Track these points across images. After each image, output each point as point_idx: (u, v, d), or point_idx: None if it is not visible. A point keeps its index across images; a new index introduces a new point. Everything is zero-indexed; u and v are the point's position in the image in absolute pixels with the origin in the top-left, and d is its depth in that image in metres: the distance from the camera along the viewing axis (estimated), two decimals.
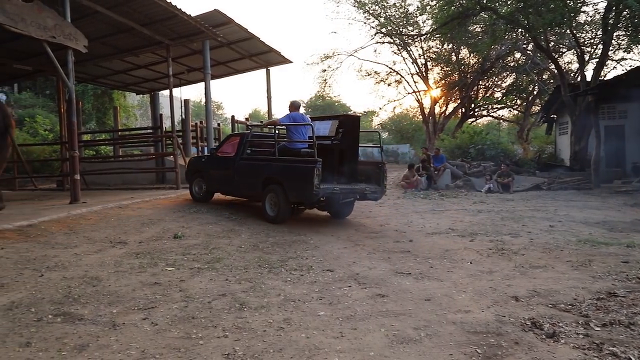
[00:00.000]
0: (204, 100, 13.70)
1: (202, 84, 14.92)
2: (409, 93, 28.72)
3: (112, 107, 22.59)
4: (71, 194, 8.95)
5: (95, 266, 4.65)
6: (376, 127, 44.17)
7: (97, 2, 9.56)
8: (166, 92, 15.02)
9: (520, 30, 17.72)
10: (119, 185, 13.26)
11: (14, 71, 14.69)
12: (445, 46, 25.63)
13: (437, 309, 3.52)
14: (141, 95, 22.96)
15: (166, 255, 5.20)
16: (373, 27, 25.68)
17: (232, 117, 18.01)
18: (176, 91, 14.29)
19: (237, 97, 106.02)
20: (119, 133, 18.14)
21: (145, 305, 3.51)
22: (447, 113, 28.67)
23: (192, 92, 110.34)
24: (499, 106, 29.55)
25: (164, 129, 13.98)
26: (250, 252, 5.44)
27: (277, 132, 8.46)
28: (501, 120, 33.16)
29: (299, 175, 7.14)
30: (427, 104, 28.14)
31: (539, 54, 21.19)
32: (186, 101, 15.21)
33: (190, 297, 3.74)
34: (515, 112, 31.61)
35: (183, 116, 15.15)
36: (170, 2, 10.14)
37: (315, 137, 7.19)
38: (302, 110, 9.29)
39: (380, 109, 33.98)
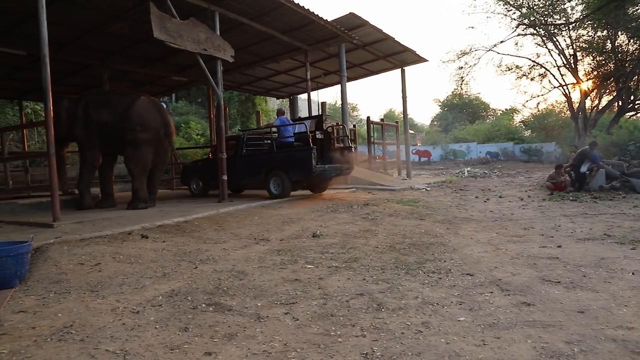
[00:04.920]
0: (339, 102, 14.05)
1: (338, 87, 15.29)
2: (554, 87, 26.58)
3: (254, 111, 24.07)
4: (220, 193, 9.71)
5: (241, 261, 4.97)
6: (517, 125, 41.64)
7: (243, 15, 10.26)
8: (304, 96, 15.60)
9: None
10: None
11: (172, 82, 16.46)
12: (598, 33, 23.26)
13: (593, 323, 3.16)
14: (281, 99, 24.12)
15: (305, 253, 5.38)
16: (514, 19, 24.17)
17: (368, 118, 18.16)
18: (313, 94, 14.79)
19: (372, 98, 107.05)
20: None
21: (287, 301, 3.65)
22: (600, 107, 25.92)
23: (328, 95, 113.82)
24: None
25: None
26: (386, 253, 5.41)
27: (273, 132, 11.10)
28: None
29: (300, 159, 9.68)
30: (576, 98, 25.77)
31: None
32: (323, 104, 15.72)
33: (328, 295, 3.81)
34: None
35: None
36: (309, 9, 10.52)
37: (308, 131, 10.04)
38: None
39: (522, 105, 31.89)
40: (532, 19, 23.36)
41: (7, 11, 9.26)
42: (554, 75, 25.90)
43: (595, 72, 24.92)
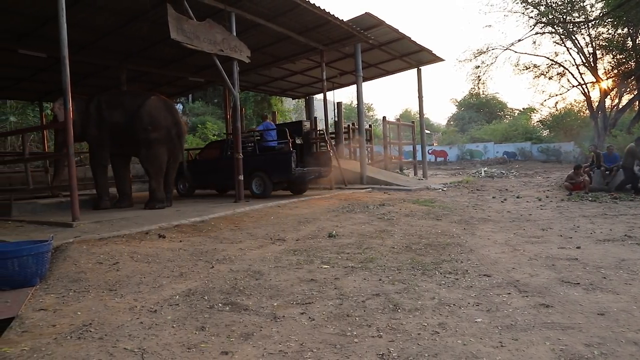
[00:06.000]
0: (355, 102, 14.06)
1: (353, 87, 15.28)
2: (573, 86, 26.20)
3: (270, 112, 24.15)
4: (236, 193, 9.75)
5: (258, 261, 4.98)
6: (535, 124, 41.18)
7: (259, 16, 10.29)
8: (320, 96, 15.64)
9: None
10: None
11: (189, 83, 16.60)
12: (618, 31, 22.86)
13: (613, 325, 3.10)
14: (297, 99, 24.14)
15: (321, 253, 5.38)
16: (532, 17, 23.91)
17: (384, 118, 18.12)
18: (329, 94, 14.80)
19: (387, 98, 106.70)
20: None
21: (303, 301, 3.65)
22: (620, 106, 25.46)
23: (344, 95, 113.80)
24: None
25: (318, 131, 14.54)
26: (403, 253, 5.38)
27: (257, 136, 11.63)
28: None
29: (281, 162, 10.29)
30: (595, 96, 25.39)
31: None
32: (339, 104, 15.70)
33: (344, 295, 3.80)
34: None
35: (336, 118, 15.67)
36: (324, 10, 10.52)
37: (289, 136, 10.67)
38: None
39: (540, 104, 31.57)
40: (550, 17, 23.06)
41: (29, 14, 9.43)
42: (572, 74, 25.59)
43: (615, 71, 24.49)
